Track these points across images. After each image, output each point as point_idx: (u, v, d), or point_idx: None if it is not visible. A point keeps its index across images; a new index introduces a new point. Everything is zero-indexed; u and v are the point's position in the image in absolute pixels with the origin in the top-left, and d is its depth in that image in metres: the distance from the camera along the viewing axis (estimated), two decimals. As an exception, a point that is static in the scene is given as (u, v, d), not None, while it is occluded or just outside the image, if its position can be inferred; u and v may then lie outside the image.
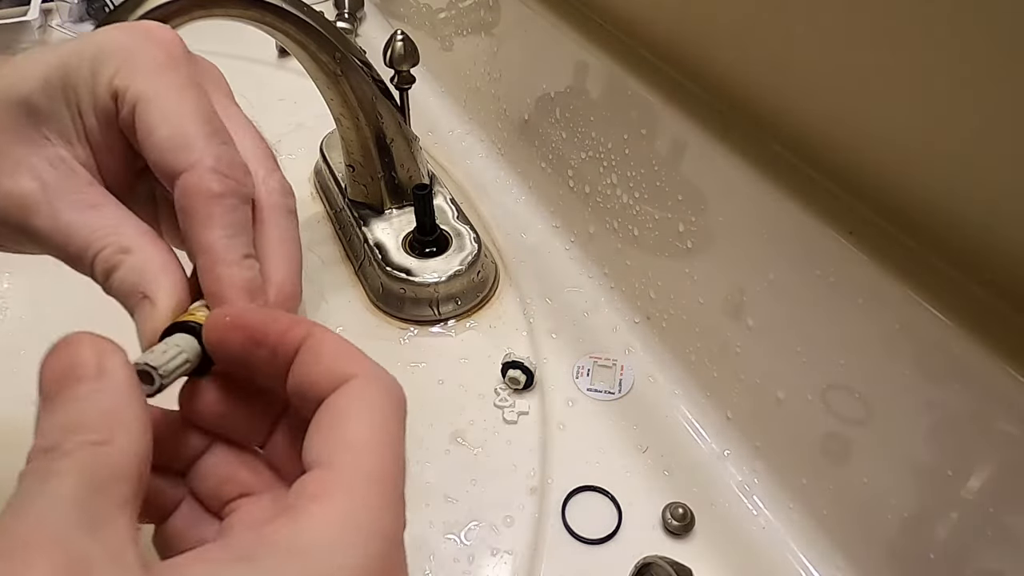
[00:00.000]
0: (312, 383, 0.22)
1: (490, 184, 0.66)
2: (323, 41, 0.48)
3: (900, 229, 0.34)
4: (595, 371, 0.50)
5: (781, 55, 0.38)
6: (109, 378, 0.20)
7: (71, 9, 0.88)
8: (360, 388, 0.21)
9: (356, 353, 0.22)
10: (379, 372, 0.22)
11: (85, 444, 0.18)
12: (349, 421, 0.21)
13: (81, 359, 0.20)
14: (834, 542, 0.39)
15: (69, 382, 0.20)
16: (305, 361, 0.22)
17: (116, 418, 0.19)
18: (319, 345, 0.22)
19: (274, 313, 0.23)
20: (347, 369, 0.21)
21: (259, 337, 0.22)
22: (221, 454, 0.24)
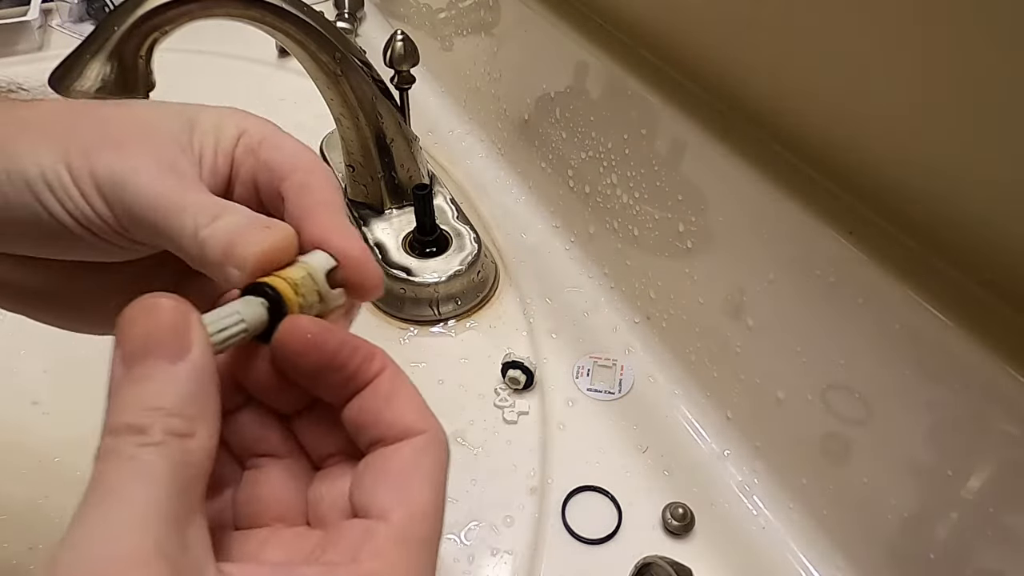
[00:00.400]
0: (378, 423, 0.22)
1: (490, 184, 0.66)
2: (323, 41, 0.48)
3: (900, 229, 0.34)
4: (595, 371, 0.50)
5: (781, 55, 0.38)
6: (192, 358, 0.20)
7: (71, 9, 0.88)
8: (428, 447, 0.22)
9: (426, 407, 0.23)
10: (443, 432, 0.23)
11: (173, 436, 0.19)
12: (414, 480, 0.21)
13: (163, 330, 0.20)
14: (834, 542, 0.39)
15: (151, 355, 0.20)
16: (375, 398, 0.23)
17: (199, 407, 0.19)
18: (393, 387, 0.23)
19: (355, 340, 0.23)
20: (418, 423, 0.22)
21: (337, 363, 0.23)
22: (255, 413, 0.25)
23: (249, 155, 0.28)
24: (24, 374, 0.50)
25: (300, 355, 0.23)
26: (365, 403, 0.23)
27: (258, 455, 0.25)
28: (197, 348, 0.20)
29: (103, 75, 0.41)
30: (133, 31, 0.41)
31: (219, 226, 0.25)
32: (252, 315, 0.23)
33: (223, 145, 0.28)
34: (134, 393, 0.19)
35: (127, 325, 0.20)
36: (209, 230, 0.24)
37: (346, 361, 0.23)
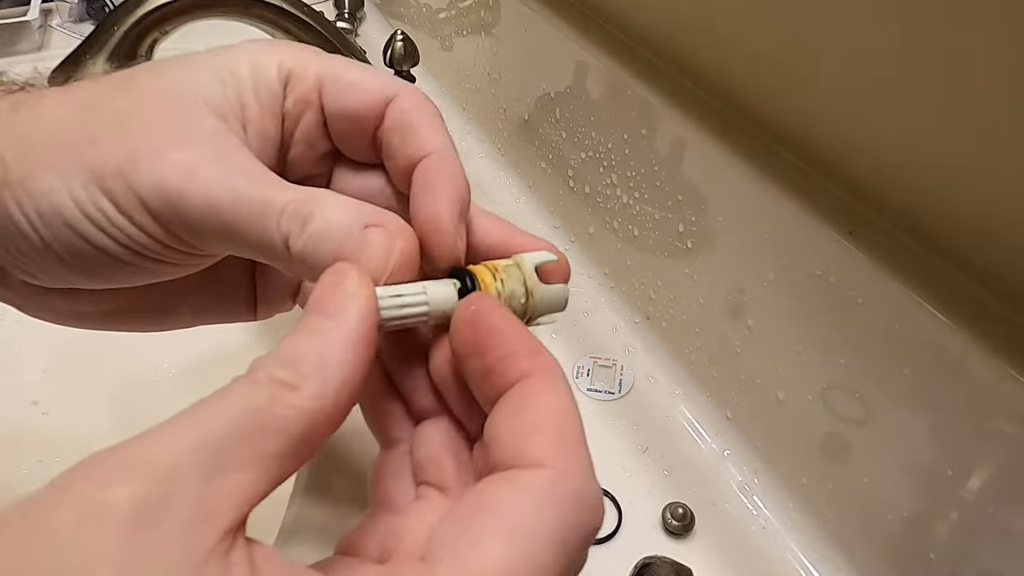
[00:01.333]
0: (495, 440, 0.18)
1: (490, 184, 0.66)
2: (323, 41, 0.48)
3: (900, 229, 0.34)
4: (595, 371, 0.50)
5: (781, 55, 0.38)
6: (341, 319, 0.18)
7: (71, 9, 0.88)
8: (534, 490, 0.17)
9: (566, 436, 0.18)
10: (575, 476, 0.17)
11: (272, 382, 0.17)
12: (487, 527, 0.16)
13: (326, 290, 0.19)
14: (834, 542, 0.39)
15: (312, 311, 0.18)
16: (505, 406, 0.18)
17: (318, 366, 0.17)
18: (530, 398, 0.18)
19: (516, 331, 0.19)
20: (534, 453, 0.17)
21: (479, 348, 0.19)
22: (442, 426, 0.22)
23: (305, 107, 0.23)
24: (24, 374, 0.50)
25: (457, 330, 0.19)
26: (498, 411, 0.18)
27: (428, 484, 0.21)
28: (348, 313, 0.18)
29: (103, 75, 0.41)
30: (133, 31, 0.41)
31: (316, 234, 0.20)
32: (439, 296, 0.20)
33: (267, 100, 0.23)
34: (289, 340, 0.18)
35: (317, 284, 0.19)
36: (305, 240, 0.20)
37: (493, 346, 0.19)
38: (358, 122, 0.23)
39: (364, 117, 0.23)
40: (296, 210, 0.21)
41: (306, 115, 0.24)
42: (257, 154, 0.23)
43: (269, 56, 0.23)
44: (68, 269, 0.23)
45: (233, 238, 0.21)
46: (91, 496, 0.15)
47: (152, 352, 0.51)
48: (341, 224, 0.21)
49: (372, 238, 0.20)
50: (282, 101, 0.23)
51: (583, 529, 0.17)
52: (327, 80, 0.23)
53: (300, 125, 0.24)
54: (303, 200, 0.21)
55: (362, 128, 0.23)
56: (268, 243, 0.21)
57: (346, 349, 0.18)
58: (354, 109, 0.23)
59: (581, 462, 0.17)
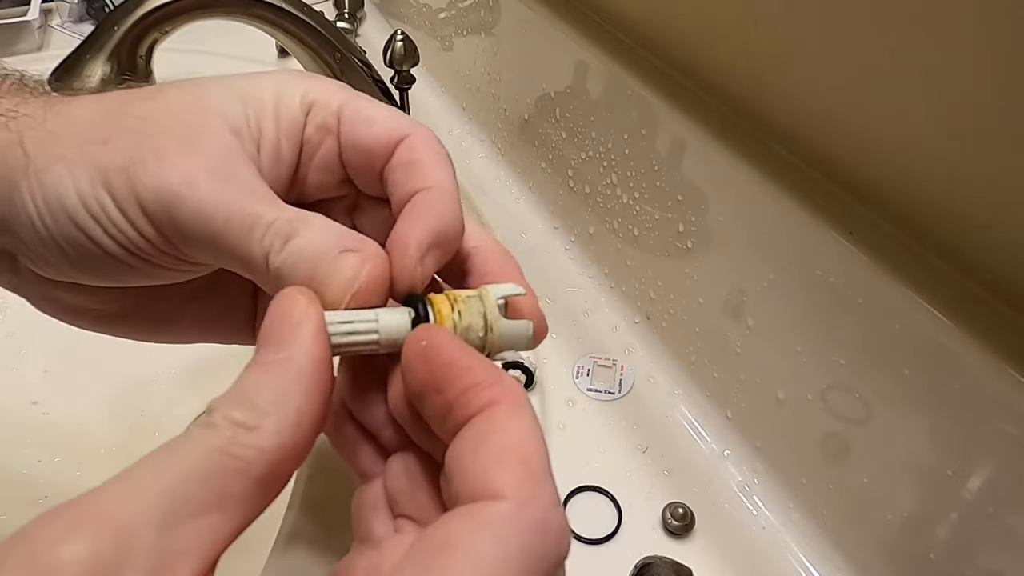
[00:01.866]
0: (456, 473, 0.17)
1: (490, 184, 0.66)
2: (323, 41, 0.48)
3: (900, 229, 0.34)
4: (595, 371, 0.50)
5: (781, 55, 0.38)
6: (292, 350, 0.18)
7: (71, 9, 0.88)
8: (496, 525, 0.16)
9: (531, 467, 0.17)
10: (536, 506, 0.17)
11: (230, 423, 0.17)
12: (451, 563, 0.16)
13: (274, 320, 0.18)
14: (834, 542, 0.39)
15: (262, 343, 0.18)
16: (466, 438, 0.18)
17: (275, 403, 0.17)
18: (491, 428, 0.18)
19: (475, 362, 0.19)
20: (496, 485, 0.16)
21: (438, 383, 0.18)
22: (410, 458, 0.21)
23: (326, 134, 0.24)
24: (24, 374, 0.50)
25: (409, 367, 0.19)
26: (457, 444, 0.18)
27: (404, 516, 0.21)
28: (299, 343, 0.18)
29: (103, 75, 0.41)
30: (133, 31, 0.41)
31: (294, 252, 0.21)
32: (391, 323, 0.20)
33: (286, 125, 0.24)
34: (240, 378, 0.18)
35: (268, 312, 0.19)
36: (283, 257, 0.21)
37: (452, 381, 0.18)
38: (368, 156, 0.24)
39: (374, 151, 0.24)
40: (281, 228, 0.21)
41: (326, 142, 0.24)
42: (267, 173, 0.23)
43: (295, 85, 0.24)
44: (67, 260, 0.23)
45: (220, 249, 0.22)
46: (44, 552, 0.15)
47: (152, 352, 0.51)
48: (319, 246, 0.21)
49: (344, 262, 0.21)
50: (302, 128, 0.24)
51: (547, 560, 0.16)
52: (347, 111, 0.24)
53: (319, 151, 0.24)
54: (291, 219, 0.21)
55: (371, 162, 0.24)
56: (250, 257, 0.21)
57: (301, 380, 0.18)
58: (367, 143, 0.24)
59: (544, 491, 0.17)
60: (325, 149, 0.24)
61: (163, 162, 0.22)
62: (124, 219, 0.22)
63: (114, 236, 0.22)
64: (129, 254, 0.23)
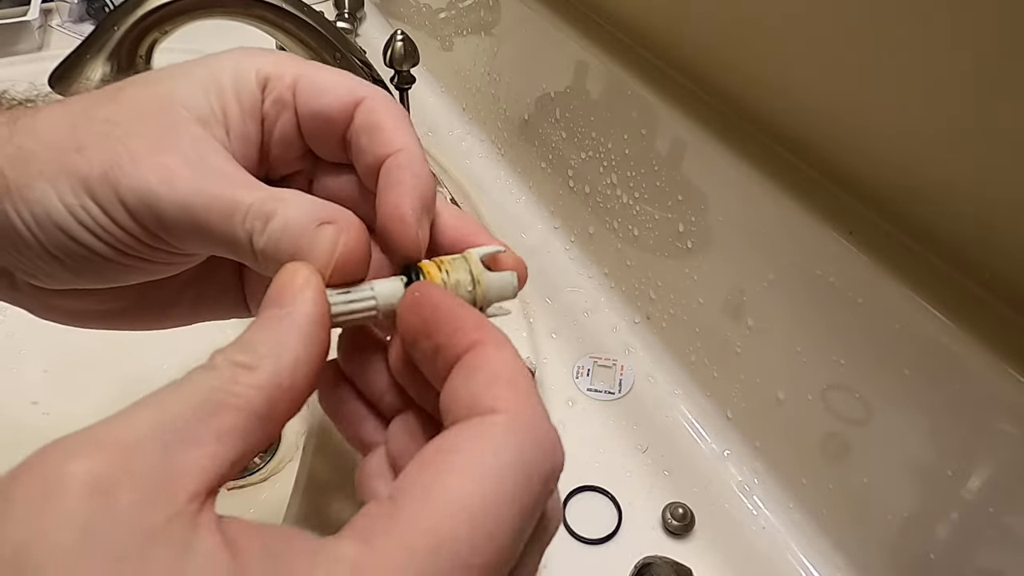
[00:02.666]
0: (450, 399, 0.19)
1: (490, 184, 0.66)
2: (323, 41, 0.48)
3: (900, 229, 0.34)
4: (595, 371, 0.50)
5: (781, 55, 0.38)
6: (293, 308, 0.19)
7: (71, 9, 0.89)
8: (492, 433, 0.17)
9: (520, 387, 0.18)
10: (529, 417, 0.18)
11: (228, 363, 0.18)
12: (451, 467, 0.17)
13: (279, 285, 0.20)
14: (834, 542, 0.39)
15: (268, 303, 0.20)
16: (459, 374, 0.19)
17: (275, 345, 0.19)
18: (482, 360, 0.19)
19: (460, 309, 0.20)
20: (489, 400, 0.18)
21: (428, 328, 0.20)
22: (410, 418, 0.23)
23: (282, 108, 0.25)
24: (24, 374, 0.50)
25: (402, 317, 0.20)
26: (451, 380, 0.19)
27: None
28: (299, 303, 0.20)
29: (103, 75, 0.41)
30: (133, 31, 0.41)
31: (275, 231, 0.22)
32: (386, 291, 0.21)
33: (247, 104, 0.25)
34: (244, 332, 0.19)
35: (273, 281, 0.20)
36: (266, 238, 0.22)
37: (440, 325, 0.20)
38: (328, 123, 0.24)
39: (333, 118, 0.24)
40: (259, 209, 0.22)
41: (283, 116, 0.25)
42: (239, 155, 0.24)
43: (249, 62, 0.25)
44: (65, 269, 0.24)
45: (206, 237, 0.23)
46: (52, 470, 0.16)
47: (152, 352, 0.51)
48: (297, 222, 0.22)
49: (323, 234, 0.22)
50: (260, 104, 0.25)
51: (543, 466, 0.18)
52: (301, 82, 0.25)
53: (277, 125, 0.25)
54: (267, 199, 0.22)
55: (332, 129, 0.25)
56: (235, 241, 0.22)
57: (299, 330, 0.19)
58: (324, 110, 0.24)
59: (535, 406, 0.18)
60: (283, 123, 0.25)
61: (139, 164, 0.22)
62: (112, 222, 0.23)
63: (105, 240, 0.23)
64: (123, 254, 0.23)
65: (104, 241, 0.23)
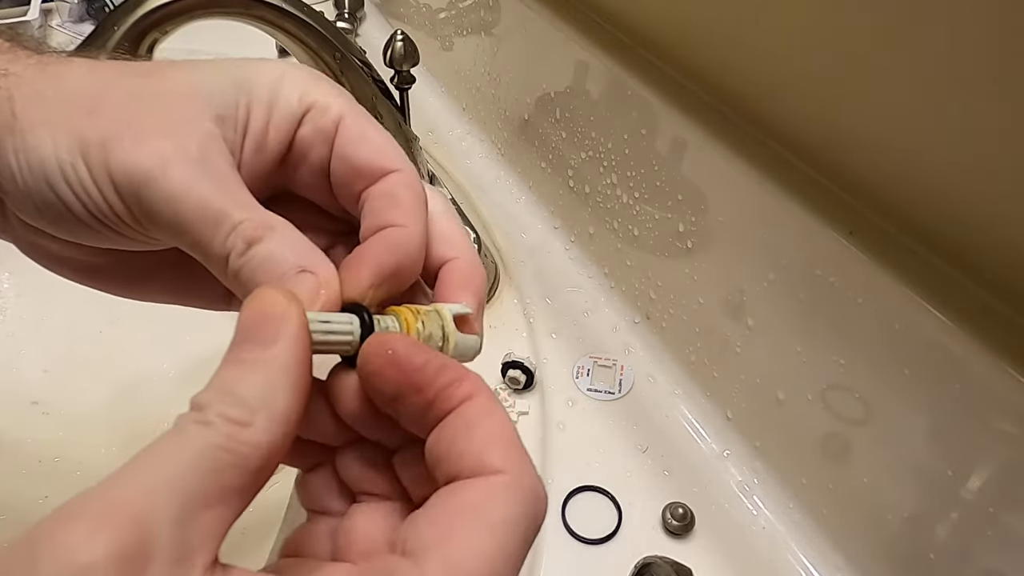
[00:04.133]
0: (452, 454, 0.20)
1: (490, 184, 0.66)
2: (323, 41, 0.48)
3: (900, 229, 0.34)
4: (595, 371, 0.50)
5: (781, 56, 0.38)
6: (278, 348, 0.19)
7: (71, 9, 0.88)
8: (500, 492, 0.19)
9: (517, 446, 0.20)
10: (527, 477, 0.19)
11: (225, 420, 0.18)
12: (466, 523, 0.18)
13: (261, 317, 0.19)
14: (834, 542, 0.39)
15: (247, 340, 0.19)
16: (456, 426, 0.20)
17: (265, 399, 0.18)
18: (479, 415, 0.20)
19: (444, 360, 0.21)
20: (495, 461, 0.19)
21: (418, 383, 0.20)
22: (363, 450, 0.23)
23: (321, 139, 0.25)
24: (24, 374, 0.50)
25: (379, 373, 0.20)
26: (445, 432, 0.20)
27: (366, 493, 0.23)
28: (284, 342, 0.19)
29: (103, 75, 0.41)
30: (133, 31, 0.41)
31: (255, 258, 0.22)
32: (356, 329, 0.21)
33: (278, 119, 0.25)
34: (222, 373, 0.19)
35: (243, 309, 0.20)
36: (243, 261, 0.22)
37: (429, 382, 0.20)
38: (355, 173, 0.25)
39: (363, 171, 0.25)
40: (247, 230, 0.22)
41: (319, 147, 0.25)
42: (247, 162, 0.24)
43: (297, 82, 0.25)
44: (42, 217, 0.24)
45: (182, 235, 0.23)
46: (67, 560, 0.15)
47: (152, 352, 0.51)
48: (281, 258, 0.22)
49: (302, 283, 0.22)
50: (296, 126, 0.25)
51: (538, 519, 0.20)
52: (346, 120, 0.25)
53: (312, 154, 0.25)
54: (257, 223, 0.22)
55: (355, 180, 0.25)
56: (210, 250, 0.23)
57: (288, 378, 0.19)
58: (358, 160, 0.25)
59: (530, 465, 0.20)
60: (317, 154, 0.25)
61: (140, 142, 0.22)
62: (96, 190, 0.23)
63: (85, 203, 0.23)
64: (97, 221, 0.24)
65: (83, 203, 0.23)
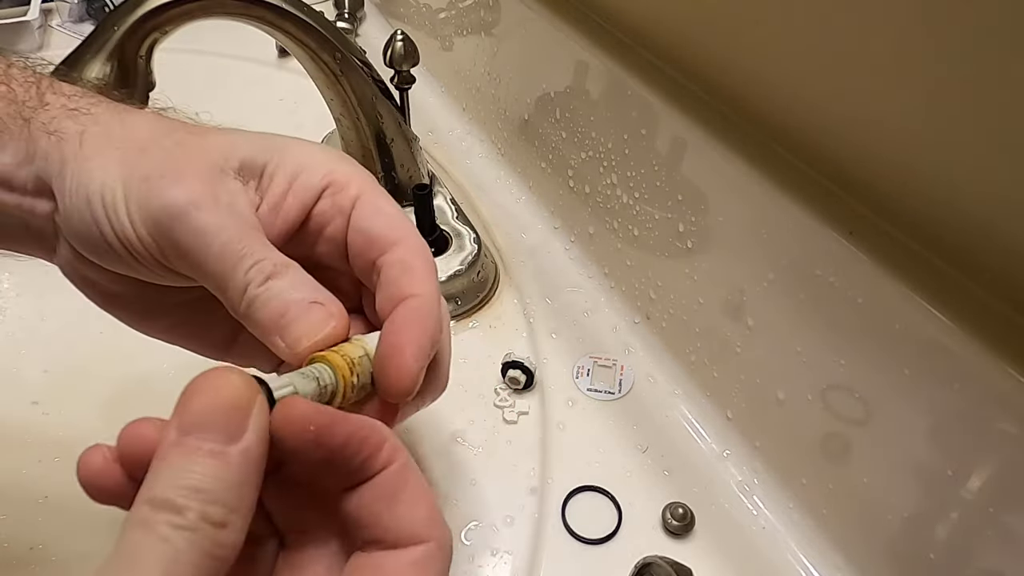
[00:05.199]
0: (378, 524, 0.21)
1: (490, 184, 0.66)
2: (323, 41, 0.48)
3: (900, 229, 0.34)
4: (595, 371, 0.50)
5: (782, 55, 0.38)
6: (246, 444, 0.19)
7: (71, 9, 0.88)
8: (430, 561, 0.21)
9: (435, 510, 0.21)
10: (449, 538, 0.21)
11: (207, 524, 0.18)
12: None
13: (225, 407, 0.19)
14: (834, 542, 0.39)
15: (208, 430, 0.19)
16: (378, 495, 0.21)
17: (239, 498, 0.19)
18: (399, 484, 0.21)
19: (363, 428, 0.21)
20: (422, 532, 0.21)
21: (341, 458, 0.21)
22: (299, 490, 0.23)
23: (339, 213, 0.28)
24: (24, 374, 0.50)
25: (300, 449, 0.21)
26: (365, 499, 0.21)
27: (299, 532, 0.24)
28: (252, 435, 0.19)
29: (103, 75, 0.41)
30: (133, 31, 0.41)
31: (272, 290, 0.25)
32: (305, 389, 0.23)
33: (300, 190, 0.28)
34: (181, 466, 0.19)
35: (192, 393, 0.19)
36: (261, 291, 0.25)
37: (352, 455, 0.21)
38: (370, 243, 0.27)
39: (377, 241, 0.27)
40: (266, 266, 0.25)
41: (337, 220, 0.28)
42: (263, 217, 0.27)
43: (324, 159, 0.28)
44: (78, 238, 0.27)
45: (205, 266, 0.25)
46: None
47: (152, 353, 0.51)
48: (294, 291, 0.25)
49: (314, 313, 0.25)
50: (315, 199, 0.28)
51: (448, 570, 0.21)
52: (364, 197, 0.28)
53: (330, 225, 0.28)
54: (276, 261, 0.25)
55: (369, 249, 0.27)
56: (229, 281, 0.25)
57: (254, 474, 0.19)
58: (373, 231, 0.27)
59: (446, 528, 0.21)
60: (335, 226, 0.28)
61: (178, 182, 0.25)
62: (127, 217, 0.26)
63: (115, 228, 0.26)
64: (123, 247, 0.26)
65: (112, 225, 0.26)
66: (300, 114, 0.74)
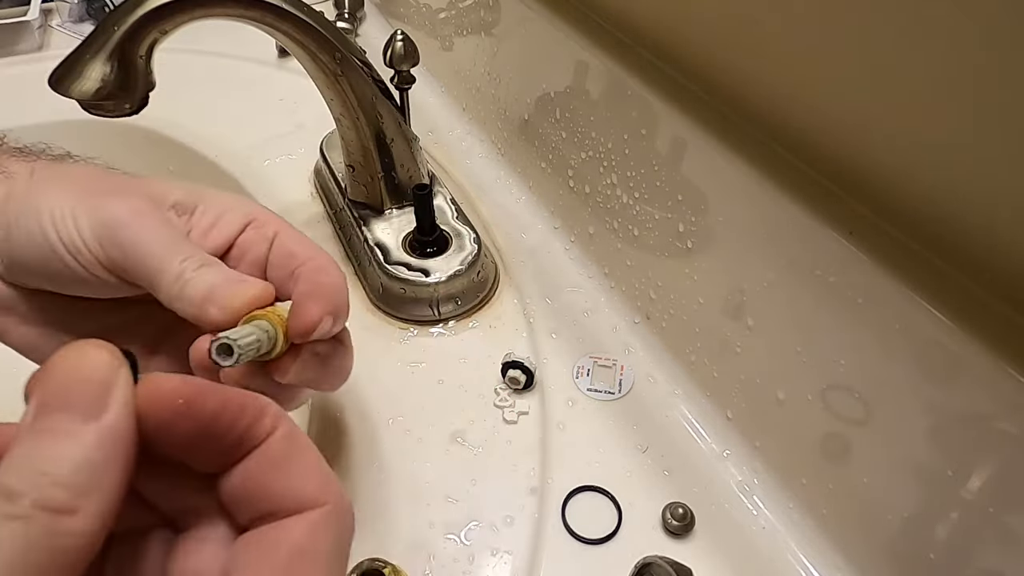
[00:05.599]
0: (268, 494, 0.19)
1: (490, 184, 0.66)
2: (323, 41, 0.48)
3: (900, 229, 0.34)
4: (595, 371, 0.50)
5: (782, 55, 0.38)
6: (105, 421, 0.17)
7: (71, 9, 0.88)
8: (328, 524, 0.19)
9: (327, 472, 0.20)
10: (347, 501, 0.20)
11: (44, 511, 0.15)
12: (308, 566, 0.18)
13: (83, 381, 0.17)
14: (834, 542, 0.39)
15: (63, 408, 0.17)
16: (263, 464, 0.19)
17: (93, 480, 0.16)
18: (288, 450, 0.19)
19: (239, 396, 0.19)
20: (316, 494, 0.19)
21: (219, 429, 0.19)
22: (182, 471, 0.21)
23: (262, 239, 0.34)
24: (24, 374, 0.50)
25: (172, 424, 0.18)
26: (252, 470, 0.19)
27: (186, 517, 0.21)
28: (114, 411, 0.17)
29: (103, 75, 0.41)
30: (133, 31, 0.41)
31: (205, 273, 0.30)
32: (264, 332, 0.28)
33: (224, 225, 0.34)
34: (29, 448, 0.16)
35: (48, 369, 0.17)
36: (195, 274, 0.30)
37: (230, 425, 0.19)
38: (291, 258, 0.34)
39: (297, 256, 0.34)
40: (202, 258, 0.31)
41: (259, 245, 0.34)
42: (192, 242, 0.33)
43: (246, 203, 0.35)
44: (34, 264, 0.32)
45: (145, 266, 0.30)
46: None
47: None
48: (226, 273, 0.31)
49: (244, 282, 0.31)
50: (240, 231, 0.34)
51: (352, 530, 0.21)
52: (283, 231, 0.34)
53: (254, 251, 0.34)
54: (208, 257, 0.31)
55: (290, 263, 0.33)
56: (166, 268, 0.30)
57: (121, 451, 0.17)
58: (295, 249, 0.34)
59: (341, 488, 0.21)
60: (258, 251, 0.34)
61: (124, 199, 0.31)
62: (75, 228, 0.30)
63: (64, 240, 0.30)
64: (71, 256, 0.31)
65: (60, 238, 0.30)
66: (300, 114, 0.74)
